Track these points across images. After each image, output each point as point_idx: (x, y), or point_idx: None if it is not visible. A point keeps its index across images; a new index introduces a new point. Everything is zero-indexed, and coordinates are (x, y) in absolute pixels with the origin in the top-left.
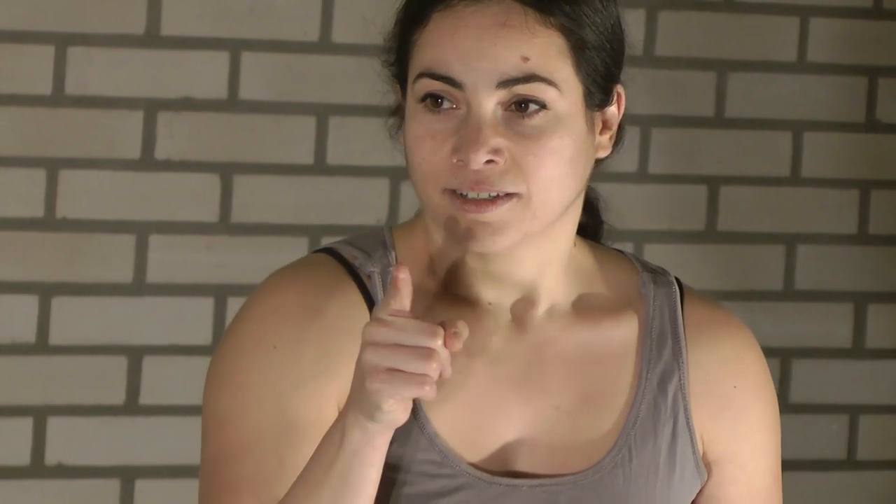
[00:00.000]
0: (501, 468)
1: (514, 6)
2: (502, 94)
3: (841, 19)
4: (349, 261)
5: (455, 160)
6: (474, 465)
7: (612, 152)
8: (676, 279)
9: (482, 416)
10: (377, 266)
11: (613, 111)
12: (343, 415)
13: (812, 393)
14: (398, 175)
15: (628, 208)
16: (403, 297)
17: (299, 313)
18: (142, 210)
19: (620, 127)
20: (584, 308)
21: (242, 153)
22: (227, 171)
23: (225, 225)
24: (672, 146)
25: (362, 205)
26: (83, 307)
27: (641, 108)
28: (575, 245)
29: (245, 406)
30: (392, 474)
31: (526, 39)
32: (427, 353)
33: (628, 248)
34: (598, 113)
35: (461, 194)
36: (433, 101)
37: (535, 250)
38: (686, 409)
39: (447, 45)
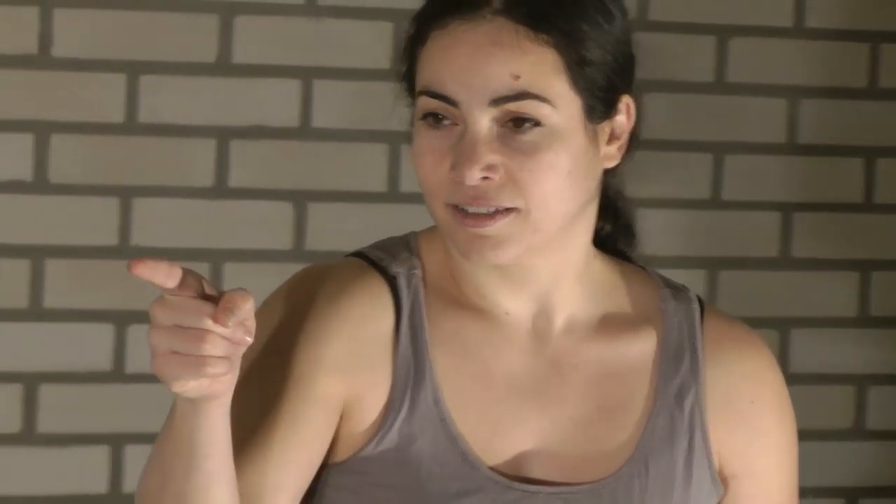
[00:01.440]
0: (518, 474)
1: (505, 24)
2: (495, 112)
3: None
4: (376, 262)
5: (452, 176)
6: (493, 469)
7: (622, 161)
8: (697, 296)
9: (501, 424)
10: (402, 268)
11: (622, 121)
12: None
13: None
14: None
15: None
16: (167, 281)
17: (326, 302)
18: (215, 238)
19: (633, 135)
20: (602, 321)
21: (315, 181)
22: (299, 199)
23: (298, 252)
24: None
25: None
26: None
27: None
28: (595, 258)
29: (261, 368)
30: (414, 472)
31: (517, 57)
32: (198, 335)
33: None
34: (603, 124)
35: (462, 209)
36: (433, 118)
37: (546, 260)
38: (703, 424)
39: (442, 64)
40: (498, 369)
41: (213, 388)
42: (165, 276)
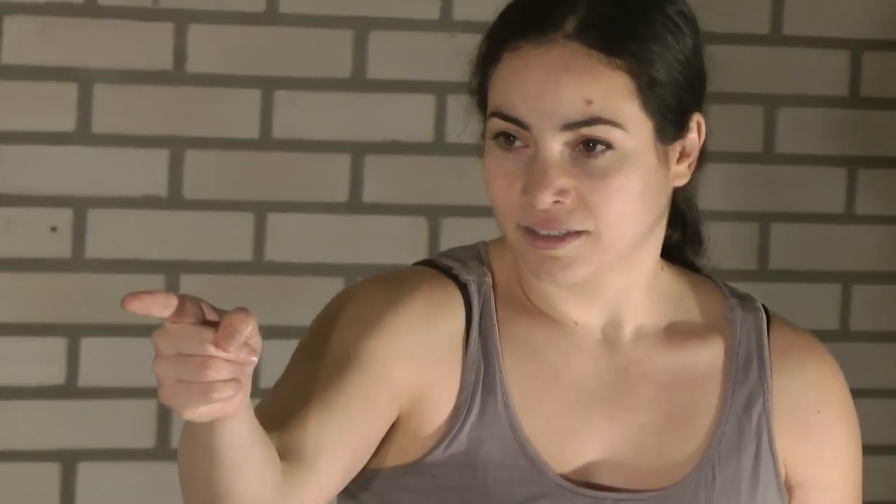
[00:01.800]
0: (586, 480)
1: (578, 48)
2: (567, 136)
3: None
4: (447, 270)
5: (524, 200)
6: (561, 476)
7: (692, 178)
8: (763, 306)
9: (568, 430)
10: (473, 275)
11: (693, 139)
12: None
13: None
14: None
15: None
16: (164, 311)
17: (403, 295)
18: (349, 253)
19: (702, 151)
20: (671, 330)
21: (449, 195)
22: (433, 214)
23: None
24: None
25: None
26: (291, 350)
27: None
28: (663, 269)
29: (337, 337)
30: (482, 476)
31: (589, 82)
32: (202, 362)
33: None
34: (674, 144)
35: (533, 230)
36: (505, 139)
37: (617, 276)
38: (770, 432)
39: (514, 87)
40: (567, 376)
41: (225, 409)
42: (162, 306)
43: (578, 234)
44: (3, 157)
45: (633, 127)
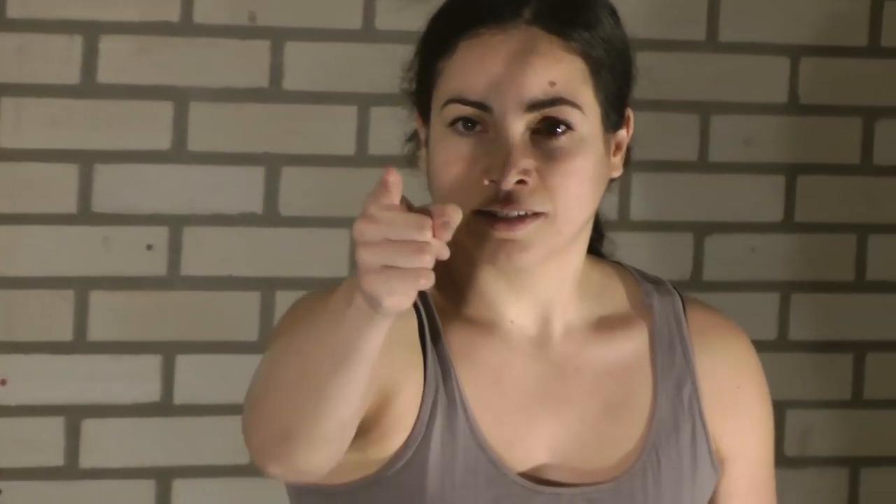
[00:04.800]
0: (542, 478)
1: (539, 33)
2: (530, 117)
3: None
4: None
5: (486, 181)
6: (520, 475)
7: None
8: (674, 287)
9: (519, 431)
10: None
11: (624, 133)
12: (351, 290)
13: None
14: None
15: None
16: (392, 195)
17: None
18: None
19: (629, 148)
20: (597, 322)
21: None
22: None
23: None
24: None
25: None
26: None
27: None
28: (585, 262)
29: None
30: (450, 480)
31: (552, 65)
32: (419, 247)
33: None
34: (613, 135)
35: (491, 214)
36: (463, 124)
37: (555, 267)
38: (701, 411)
39: (477, 72)
40: (509, 377)
41: (410, 299)
42: (398, 193)
43: (537, 215)
44: (100, 176)
45: (588, 111)
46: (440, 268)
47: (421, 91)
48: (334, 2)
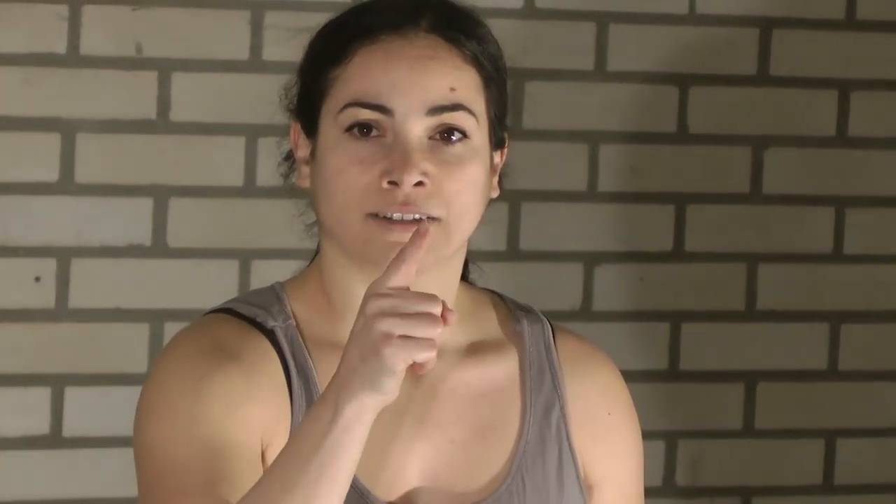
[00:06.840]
0: (411, 503)
1: (439, 41)
2: (430, 122)
3: None
4: (251, 318)
5: (385, 183)
6: (388, 503)
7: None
8: (544, 316)
9: (393, 455)
10: (278, 320)
11: (498, 158)
12: (331, 396)
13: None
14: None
15: None
16: (402, 272)
17: (221, 354)
18: None
19: (501, 175)
20: (468, 346)
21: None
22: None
23: None
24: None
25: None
26: None
27: None
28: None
29: (180, 427)
30: None
31: (452, 71)
32: (433, 319)
33: None
34: (495, 153)
35: (385, 217)
36: (360, 129)
37: (432, 284)
38: (568, 437)
39: (377, 76)
40: None
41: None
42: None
43: (431, 220)
44: None
45: (481, 122)
46: (310, 300)
47: (306, 104)
48: (221, 33)
